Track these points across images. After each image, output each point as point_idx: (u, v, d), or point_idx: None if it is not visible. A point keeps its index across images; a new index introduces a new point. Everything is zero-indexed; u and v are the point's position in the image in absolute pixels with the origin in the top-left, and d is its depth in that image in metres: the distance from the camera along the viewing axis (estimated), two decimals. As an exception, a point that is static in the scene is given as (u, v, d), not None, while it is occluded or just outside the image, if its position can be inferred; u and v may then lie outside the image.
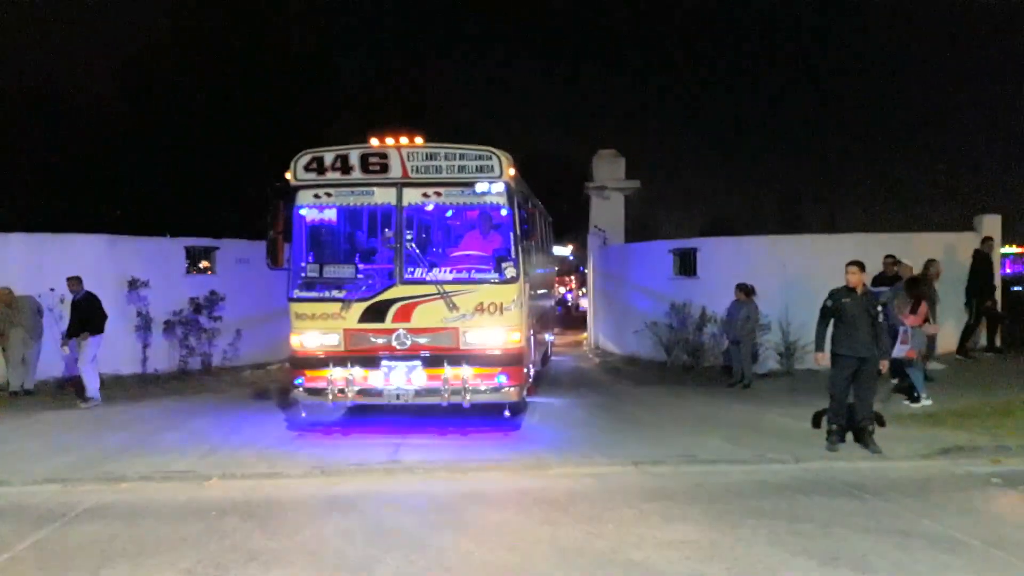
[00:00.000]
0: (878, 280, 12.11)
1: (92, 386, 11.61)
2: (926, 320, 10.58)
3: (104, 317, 11.84)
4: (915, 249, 13.01)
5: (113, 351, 13.74)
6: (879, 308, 8.34)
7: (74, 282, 11.76)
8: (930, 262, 12.38)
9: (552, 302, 16.94)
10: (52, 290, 12.83)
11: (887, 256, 12.54)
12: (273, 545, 5.64)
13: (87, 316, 11.58)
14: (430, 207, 9.44)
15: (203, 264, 15.68)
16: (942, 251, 13.61)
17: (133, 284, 14.04)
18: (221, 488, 7.25)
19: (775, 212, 24.83)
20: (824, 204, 24.37)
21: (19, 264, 13.02)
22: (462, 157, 9.00)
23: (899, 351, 9.84)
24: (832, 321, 8.41)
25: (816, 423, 9.09)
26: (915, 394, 10.40)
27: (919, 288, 10.64)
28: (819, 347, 8.57)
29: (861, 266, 8.42)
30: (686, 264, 15.69)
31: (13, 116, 20.68)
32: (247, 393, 12.85)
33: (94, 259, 13.94)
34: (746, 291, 13.00)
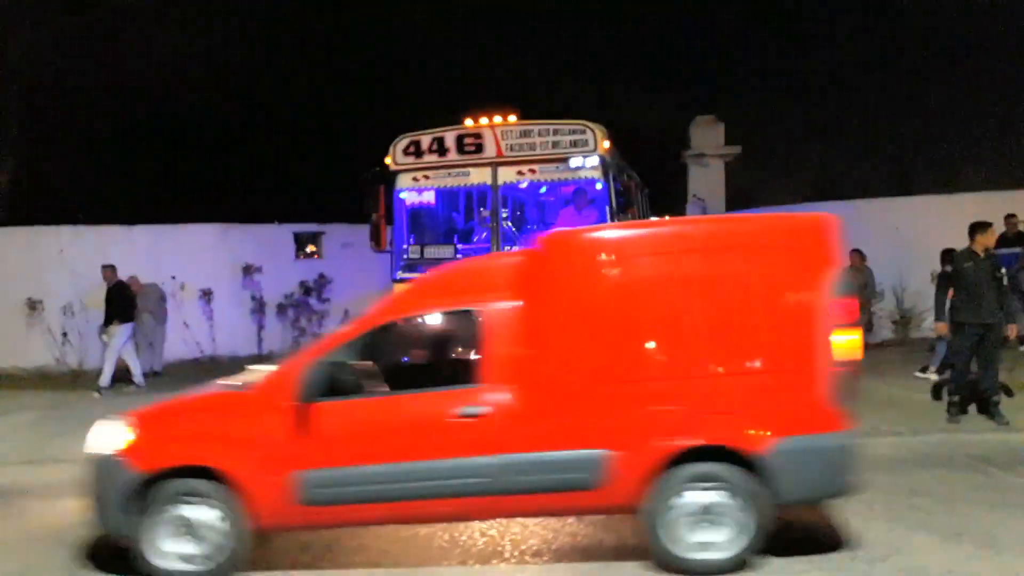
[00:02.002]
0: (1001, 241, 11.36)
1: (107, 375, 11.64)
2: None
3: (134, 306, 11.86)
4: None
5: (231, 334, 14.56)
6: (1003, 271, 7.86)
7: (108, 271, 11.78)
8: (1007, 218, 11.44)
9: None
10: (173, 278, 13.69)
11: (1009, 215, 11.72)
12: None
13: (120, 304, 11.61)
14: (525, 184, 9.46)
15: (310, 249, 16.29)
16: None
17: (248, 270, 14.75)
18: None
19: (886, 174, 23.50)
20: (940, 163, 22.85)
21: (143, 254, 13.89)
22: (555, 132, 8.97)
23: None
24: (953, 288, 7.96)
25: (937, 395, 8.68)
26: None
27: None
28: (939, 316, 8.15)
29: (985, 227, 7.92)
30: (791, 232, 15.10)
31: (134, 114, 21.96)
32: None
33: (210, 247, 14.75)
34: (862, 256, 12.43)
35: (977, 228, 7.91)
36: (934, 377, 9.59)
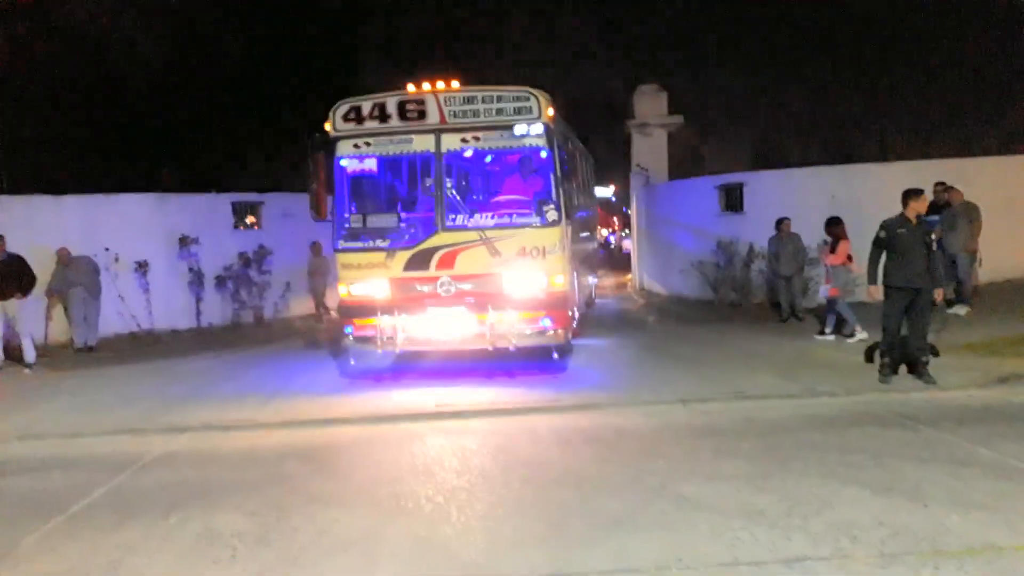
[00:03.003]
0: (931, 208, 11.78)
1: (31, 353, 11.28)
2: (849, 258, 10.60)
3: (33, 279, 11.40)
4: (971, 175, 12.56)
5: (169, 307, 14.22)
6: (933, 237, 8.13)
7: None
8: (936, 185, 11.96)
9: (595, 244, 16.85)
10: (107, 249, 13.23)
11: (937, 183, 12.14)
12: (331, 487, 5.84)
13: (16, 278, 11.11)
14: (469, 152, 9.38)
15: (249, 219, 15.94)
16: (1000, 176, 13.13)
17: (184, 241, 14.37)
18: (279, 435, 7.49)
19: (824, 144, 24.06)
20: (875, 133, 23.52)
21: (74, 225, 13.39)
22: (499, 99, 8.89)
23: (823, 292, 10.73)
24: (885, 253, 8.20)
25: (869, 358, 8.97)
26: (851, 330, 10.60)
27: (838, 227, 10.78)
28: (872, 280, 8.38)
29: (918, 194, 8.16)
30: (732, 200, 15.40)
31: (65, 80, 20.99)
32: (299, 343, 13.15)
33: (144, 217, 14.31)
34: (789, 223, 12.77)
35: (910, 195, 8.14)
36: (864, 335, 10.02)
